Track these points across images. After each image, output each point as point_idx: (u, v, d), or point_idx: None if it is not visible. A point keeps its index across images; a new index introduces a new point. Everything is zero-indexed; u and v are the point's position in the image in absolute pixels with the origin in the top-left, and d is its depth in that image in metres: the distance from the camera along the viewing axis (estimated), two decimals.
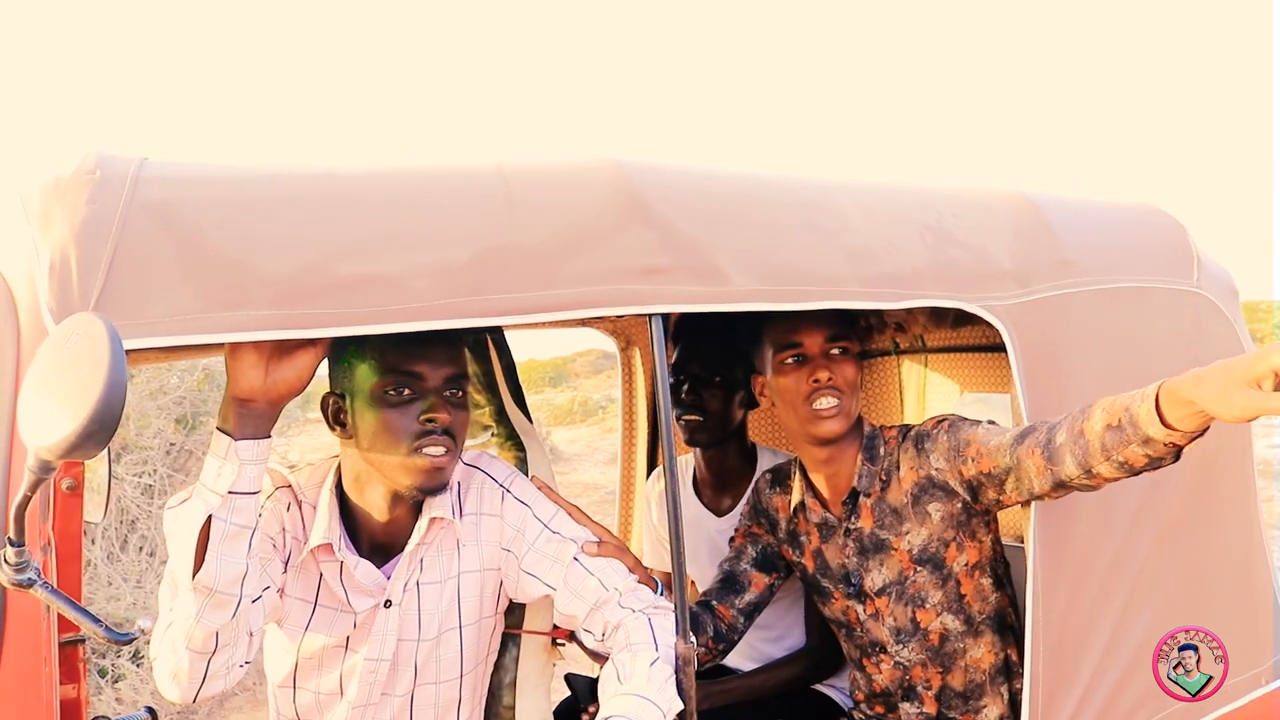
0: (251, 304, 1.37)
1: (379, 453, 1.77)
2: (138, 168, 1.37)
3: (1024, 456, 1.86)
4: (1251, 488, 2.44)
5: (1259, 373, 1.43)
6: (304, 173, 1.53)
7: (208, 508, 1.51)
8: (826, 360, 2.14)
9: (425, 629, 1.90)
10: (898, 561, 2.19)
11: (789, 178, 1.99)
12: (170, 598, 1.56)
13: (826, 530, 2.30)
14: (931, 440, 2.13)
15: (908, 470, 2.16)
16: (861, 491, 2.21)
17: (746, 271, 1.77)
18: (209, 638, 1.54)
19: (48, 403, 1.10)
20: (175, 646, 1.55)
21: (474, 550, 1.94)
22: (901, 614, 2.20)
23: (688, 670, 1.74)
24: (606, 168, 1.73)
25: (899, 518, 2.17)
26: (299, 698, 1.92)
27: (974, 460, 2.01)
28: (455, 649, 1.94)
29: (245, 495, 1.53)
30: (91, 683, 5.24)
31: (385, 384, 1.75)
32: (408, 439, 1.75)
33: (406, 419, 1.75)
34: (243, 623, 1.58)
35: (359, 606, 1.85)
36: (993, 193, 2.27)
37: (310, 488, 1.89)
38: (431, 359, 1.78)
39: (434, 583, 1.91)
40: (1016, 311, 2.04)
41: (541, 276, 1.57)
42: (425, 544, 1.88)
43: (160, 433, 6.26)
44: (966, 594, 2.16)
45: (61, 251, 1.28)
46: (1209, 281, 2.43)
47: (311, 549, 1.82)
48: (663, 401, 1.69)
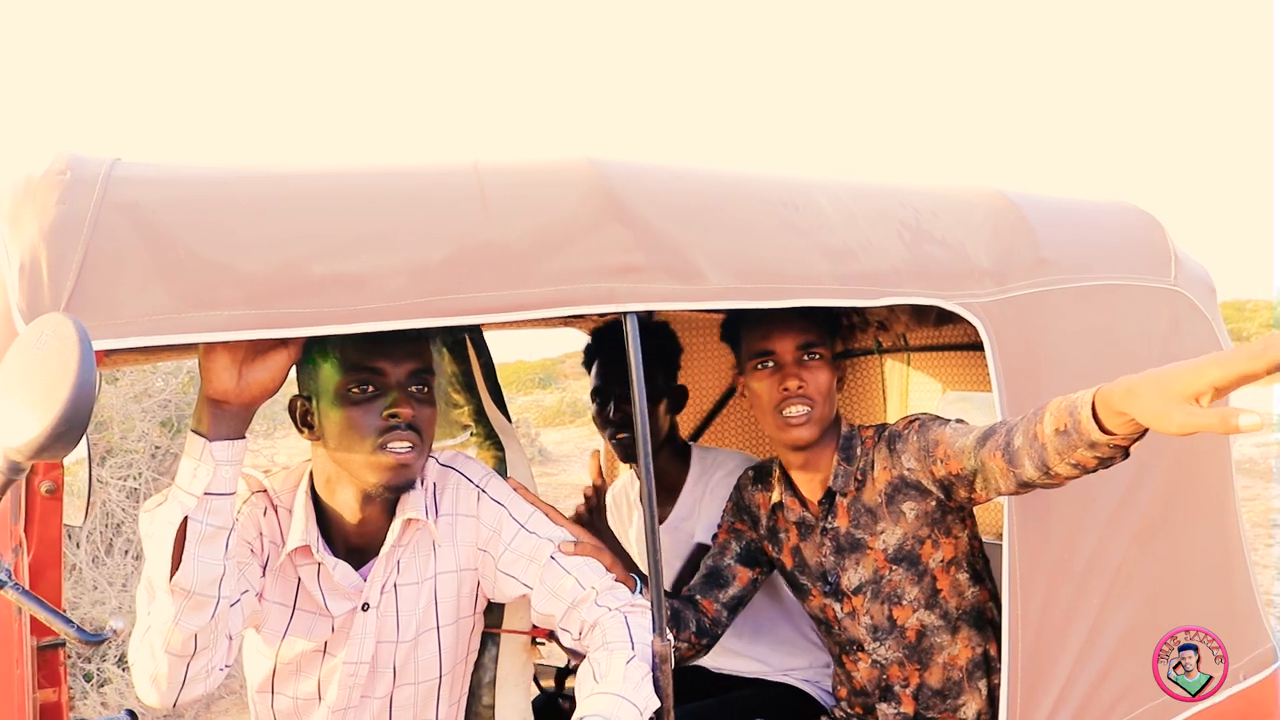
0: (225, 304, 1.36)
1: (345, 451, 1.76)
2: (109, 168, 1.37)
3: (987, 459, 1.86)
4: (1229, 483, 2.45)
5: (1197, 389, 1.36)
6: (277, 173, 1.53)
7: (184, 509, 1.50)
8: (798, 367, 2.15)
9: (404, 630, 1.90)
10: (873, 561, 2.19)
11: (766, 176, 1.99)
12: (148, 601, 1.55)
13: (804, 529, 2.30)
14: (903, 441, 2.14)
15: (881, 470, 2.17)
16: (838, 491, 2.21)
17: (723, 269, 1.77)
18: (187, 640, 1.53)
19: (16, 403, 1.09)
20: (154, 650, 1.54)
21: (450, 551, 1.94)
22: (878, 612, 2.21)
23: (664, 668, 1.74)
24: (582, 167, 1.73)
25: (874, 517, 2.18)
26: (277, 703, 1.92)
27: (943, 461, 2.01)
28: (434, 650, 1.94)
29: (221, 496, 1.53)
30: (76, 687, 5.23)
31: (348, 382, 1.74)
32: (372, 435, 1.74)
33: (370, 416, 1.75)
34: (221, 625, 1.57)
35: (336, 610, 1.85)
36: (971, 191, 2.27)
37: (285, 492, 1.89)
38: (393, 354, 1.77)
39: (411, 584, 1.90)
40: (994, 309, 2.05)
41: (517, 275, 1.57)
42: (401, 545, 1.88)
43: (145, 436, 6.25)
44: (943, 589, 2.16)
45: (32, 252, 1.27)
46: (1186, 280, 2.44)
47: (289, 552, 1.81)
48: (639, 399, 1.69)
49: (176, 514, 1.50)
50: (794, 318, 2.14)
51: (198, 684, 1.59)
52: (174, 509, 1.51)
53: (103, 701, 5.18)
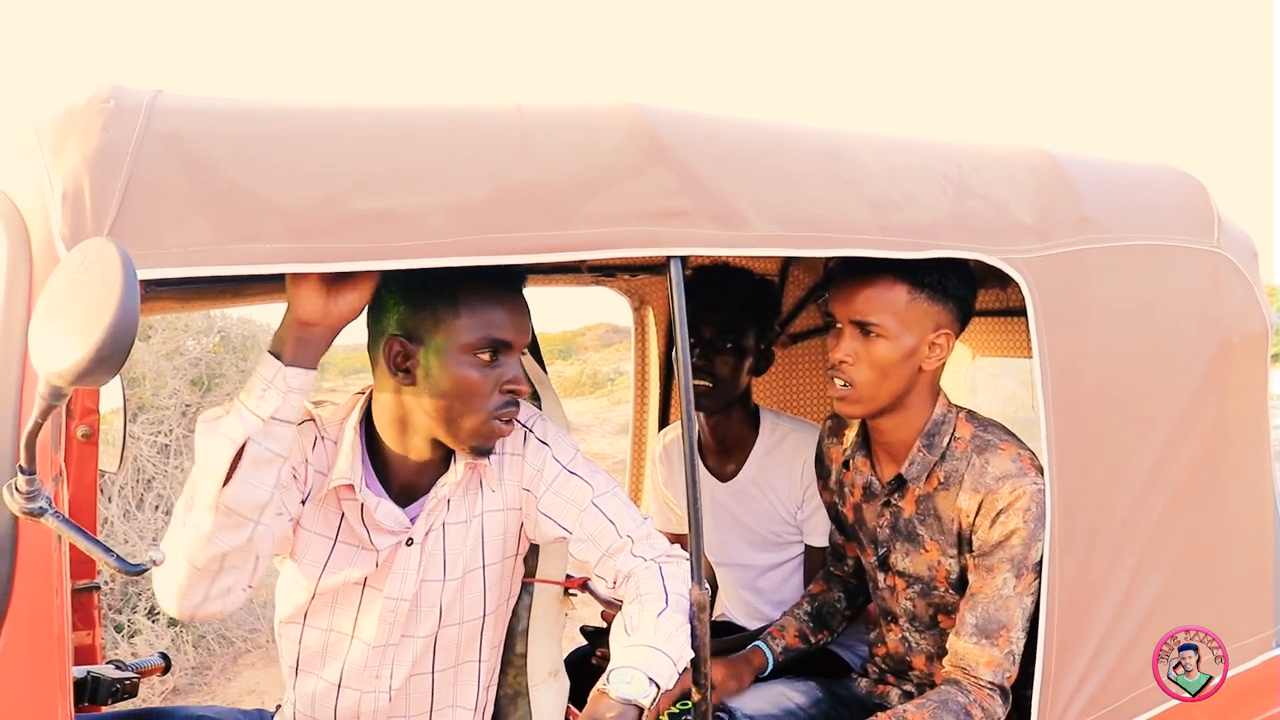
0: (266, 237, 1.35)
1: (452, 409, 1.75)
2: (152, 98, 1.36)
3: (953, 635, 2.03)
4: (1265, 450, 2.43)
5: None
6: (319, 108, 1.51)
7: (246, 429, 1.49)
8: (845, 338, 2.06)
9: (450, 569, 1.89)
10: (926, 560, 2.14)
11: (810, 127, 1.96)
12: (185, 512, 1.52)
13: (869, 493, 2.25)
14: (984, 533, 2.02)
15: (957, 504, 2.07)
16: (910, 480, 2.14)
17: (767, 217, 1.74)
18: (215, 558, 1.51)
19: (59, 328, 1.08)
20: (181, 560, 1.52)
21: (498, 490, 1.93)
22: (922, 608, 2.18)
23: (702, 616, 1.73)
24: (626, 111, 1.70)
25: (940, 526, 2.11)
26: (306, 636, 1.91)
27: (969, 587, 2.06)
28: (479, 589, 1.94)
29: (284, 424, 1.52)
30: (107, 637, 5.29)
31: (477, 345, 1.73)
32: (490, 405, 1.75)
33: (489, 384, 1.75)
34: (252, 550, 1.56)
35: (380, 544, 1.84)
36: (1013, 149, 2.24)
37: (333, 424, 1.88)
38: (521, 329, 1.78)
39: (460, 523, 1.90)
40: (1037, 265, 2.02)
41: (559, 216, 1.55)
42: (454, 484, 1.87)
43: (176, 393, 6.29)
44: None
45: (75, 180, 1.26)
46: (1229, 242, 2.41)
47: (334, 487, 1.81)
48: (681, 348, 1.68)
49: (238, 431, 1.49)
50: (854, 283, 2.05)
51: (216, 602, 1.57)
52: (236, 426, 1.49)
53: (133, 652, 5.24)
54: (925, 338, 2.04)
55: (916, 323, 2.03)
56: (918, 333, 2.03)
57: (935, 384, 2.14)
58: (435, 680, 1.95)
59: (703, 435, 2.86)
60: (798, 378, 3.63)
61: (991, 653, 1.97)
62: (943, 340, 2.05)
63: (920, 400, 2.11)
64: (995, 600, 1.98)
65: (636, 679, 1.62)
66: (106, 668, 2.20)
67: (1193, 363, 2.24)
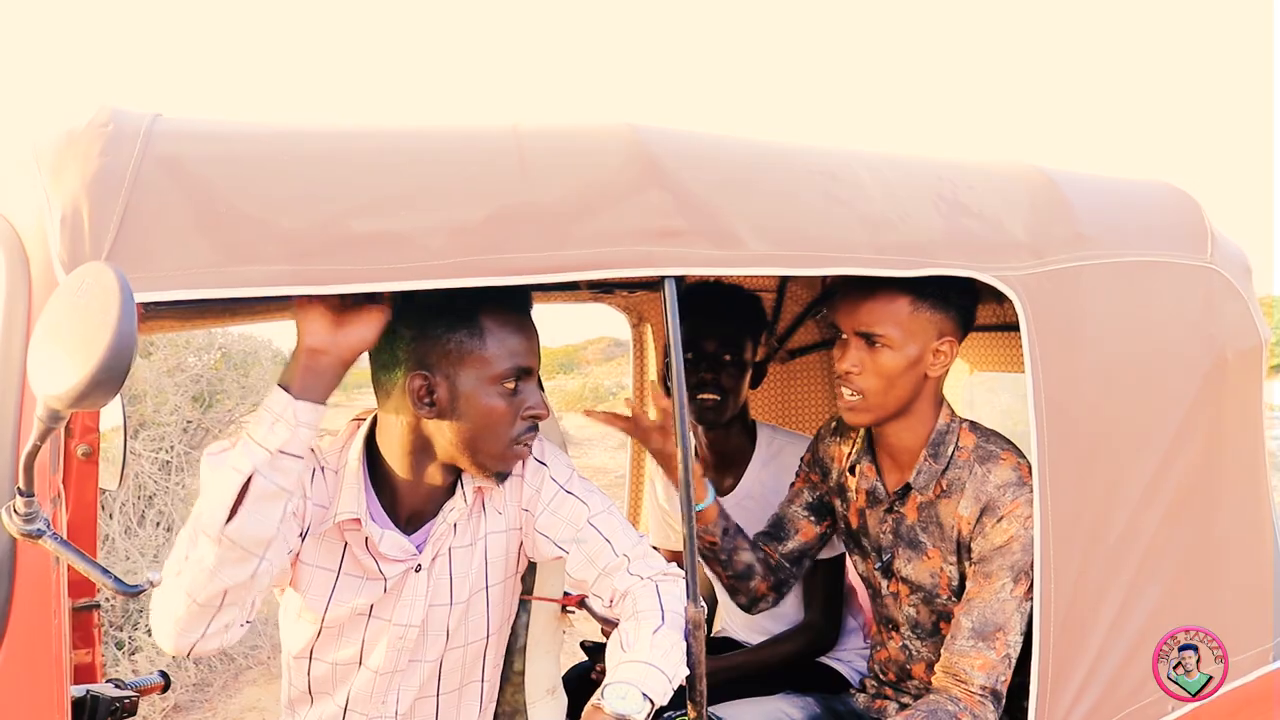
0: (265, 259, 1.36)
1: (478, 438, 1.77)
2: (150, 122, 1.37)
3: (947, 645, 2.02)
4: (1261, 466, 2.43)
5: None
6: (317, 130, 1.52)
7: (253, 461, 1.48)
8: (850, 349, 2.10)
9: (457, 592, 1.90)
10: (928, 566, 2.15)
11: (805, 146, 1.97)
12: (188, 545, 1.51)
13: (873, 499, 2.26)
14: (983, 540, 2.05)
15: (958, 512, 2.10)
16: (916, 489, 2.16)
17: (762, 236, 1.75)
18: (216, 595, 1.50)
19: (57, 351, 1.09)
20: (181, 595, 1.50)
21: (499, 511, 1.94)
22: (925, 614, 2.19)
23: (697, 634, 1.73)
24: (622, 131, 1.72)
25: (942, 534, 2.13)
26: (314, 669, 1.90)
27: (965, 593, 2.07)
28: (483, 610, 1.94)
29: (292, 458, 1.51)
30: (108, 654, 5.28)
31: (504, 375, 1.75)
32: (514, 431, 1.77)
33: (514, 411, 1.77)
34: (254, 586, 1.55)
35: (390, 573, 1.84)
36: (1008, 166, 2.25)
37: (332, 454, 1.87)
38: (537, 353, 1.81)
39: (465, 546, 1.91)
40: (1030, 282, 2.03)
41: (556, 237, 1.56)
42: (462, 509, 1.88)
43: (177, 410, 6.30)
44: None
45: (73, 203, 1.27)
46: (1223, 258, 2.41)
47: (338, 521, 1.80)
48: (676, 366, 1.69)
49: (245, 463, 1.48)
50: (857, 295, 2.09)
51: (214, 639, 1.55)
52: (243, 458, 1.48)
53: (134, 669, 5.23)
54: (929, 346, 2.08)
55: (920, 332, 2.08)
56: (921, 341, 2.08)
57: (939, 391, 2.18)
58: (440, 703, 1.96)
59: (699, 449, 2.86)
60: (794, 392, 3.63)
61: (987, 655, 1.97)
62: (946, 347, 2.10)
63: (925, 406, 2.15)
64: (992, 604, 2.00)
65: (631, 695, 1.62)
66: (106, 686, 2.20)
67: (1187, 379, 2.24)
